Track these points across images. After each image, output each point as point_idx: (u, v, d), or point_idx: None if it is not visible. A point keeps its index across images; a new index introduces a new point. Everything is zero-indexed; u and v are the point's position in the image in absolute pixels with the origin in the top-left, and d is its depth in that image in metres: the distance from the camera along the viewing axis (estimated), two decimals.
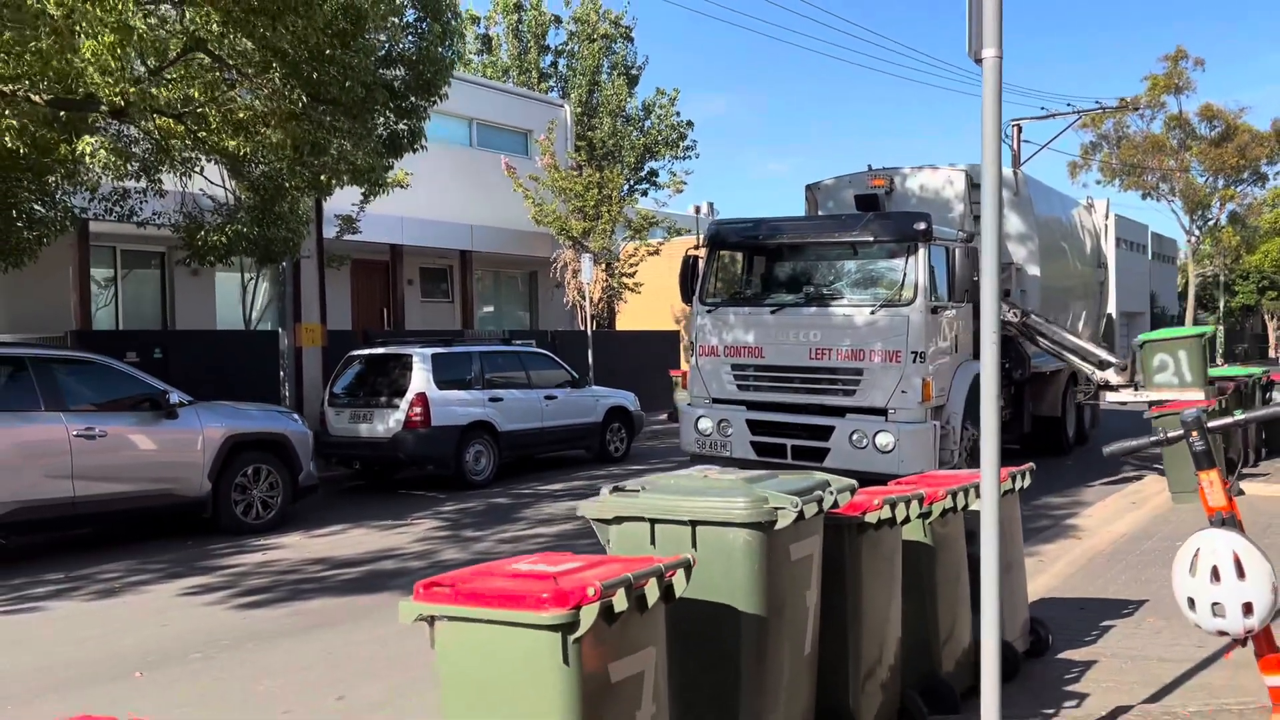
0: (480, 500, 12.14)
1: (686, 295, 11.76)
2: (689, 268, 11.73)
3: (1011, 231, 13.31)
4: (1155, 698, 4.89)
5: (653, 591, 2.95)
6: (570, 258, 22.46)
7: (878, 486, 4.57)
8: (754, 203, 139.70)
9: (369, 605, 7.41)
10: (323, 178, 10.85)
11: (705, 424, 11.27)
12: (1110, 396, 13.16)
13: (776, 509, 3.39)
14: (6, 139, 9.24)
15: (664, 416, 21.02)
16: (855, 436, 10.37)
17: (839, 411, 10.63)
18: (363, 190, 11.76)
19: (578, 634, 2.73)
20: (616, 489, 3.67)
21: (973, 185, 12.63)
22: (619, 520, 3.59)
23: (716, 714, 3.40)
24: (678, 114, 28.16)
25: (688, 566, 3.10)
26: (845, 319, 10.68)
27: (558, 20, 29.45)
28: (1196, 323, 59.46)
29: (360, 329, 18.81)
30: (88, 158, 10.23)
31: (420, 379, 12.71)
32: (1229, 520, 3.00)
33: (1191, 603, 2.98)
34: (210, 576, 8.44)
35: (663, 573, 3.00)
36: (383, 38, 9.81)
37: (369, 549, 9.44)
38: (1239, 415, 11.45)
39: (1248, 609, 2.87)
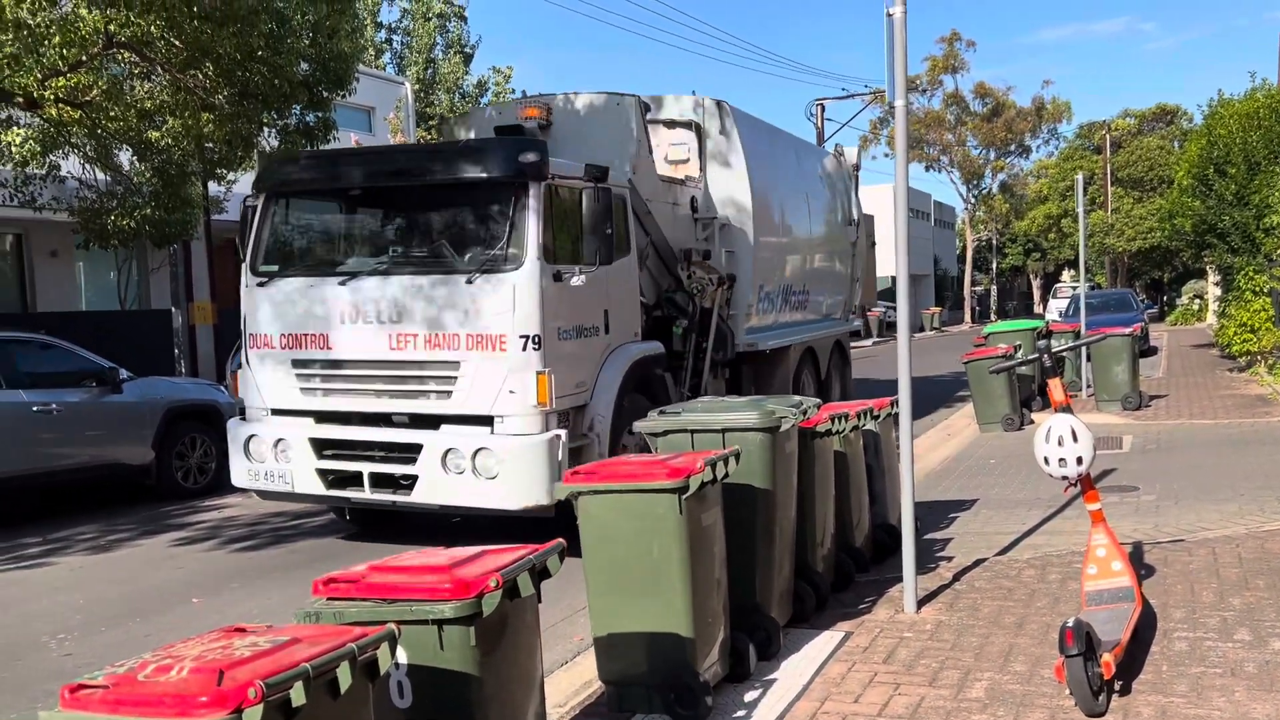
0: None
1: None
2: (245, 223, 8.52)
3: (717, 178, 10.75)
4: (1000, 554, 6.89)
5: (721, 469, 4.53)
6: None
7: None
8: None
9: (350, 547, 8.58)
10: (243, 166, 11.69)
11: (258, 446, 8.07)
12: None
13: (781, 417, 5.01)
14: None
15: None
16: (450, 458, 7.38)
17: (432, 422, 7.62)
18: None
19: (688, 495, 4.27)
20: (662, 412, 5.22)
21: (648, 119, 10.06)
22: (666, 433, 5.12)
23: (743, 555, 5.00)
24: (513, 90, 29.30)
25: (738, 455, 4.69)
26: (434, 292, 7.59)
27: None
28: (974, 283, 65.75)
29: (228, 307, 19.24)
30: (13, 148, 10.70)
31: None
32: (1067, 409, 4.83)
33: (1046, 460, 4.77)
34: (185, 532, 9.38)
35: (727, 458, 4.58)
36: (306, 41, 10.72)
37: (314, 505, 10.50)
38: (1070, 343, 14.06)
39: (1079, 460, 4.70)
